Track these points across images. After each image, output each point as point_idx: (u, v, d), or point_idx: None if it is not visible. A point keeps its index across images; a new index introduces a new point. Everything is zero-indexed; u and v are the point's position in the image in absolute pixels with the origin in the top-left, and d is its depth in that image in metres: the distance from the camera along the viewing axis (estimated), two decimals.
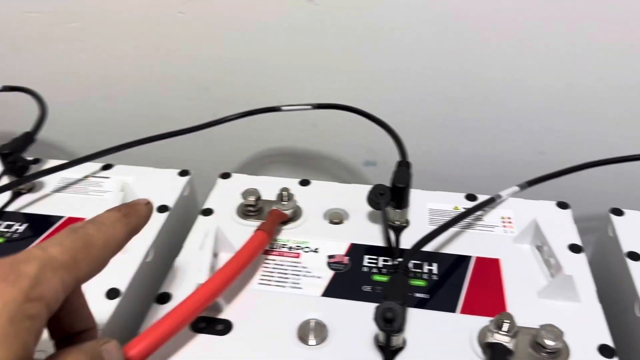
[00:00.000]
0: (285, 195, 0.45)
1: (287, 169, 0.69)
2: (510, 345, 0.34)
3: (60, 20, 0.61)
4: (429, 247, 0.43)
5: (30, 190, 0.50)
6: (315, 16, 0.56)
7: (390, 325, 0.32)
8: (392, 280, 0.35)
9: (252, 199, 0.46)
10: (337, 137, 0.65)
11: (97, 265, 0.26)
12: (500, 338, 0.34)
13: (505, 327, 0.34)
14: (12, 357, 0.20)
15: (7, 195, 0.49)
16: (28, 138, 0.50)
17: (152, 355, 0.32)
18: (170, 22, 0.59)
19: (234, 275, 0.38)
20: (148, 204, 0.31)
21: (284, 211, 0.45)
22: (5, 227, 0.46)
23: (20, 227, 0.46)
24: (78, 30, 0.61)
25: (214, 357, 0.35)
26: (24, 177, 0.48)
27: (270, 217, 0.44)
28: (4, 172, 0.48)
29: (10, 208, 0.48)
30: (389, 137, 0.49)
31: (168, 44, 0.61)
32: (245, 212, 0.47)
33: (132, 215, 0.29)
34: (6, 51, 0.64)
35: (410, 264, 0.42)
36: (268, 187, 0.48)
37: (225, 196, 0.49)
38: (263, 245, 0.41)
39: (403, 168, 0.45)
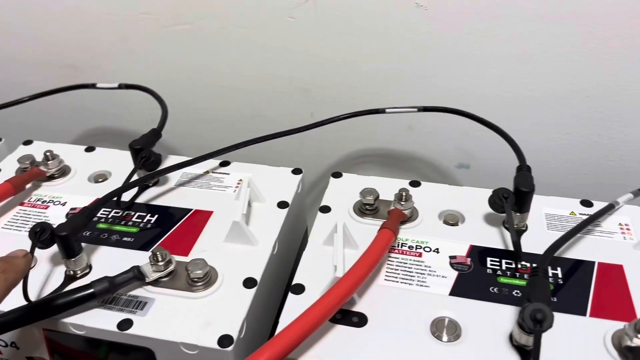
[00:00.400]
0: (404, 196, 0.47)
1: (378, 170, 0.70)
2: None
3: (171, 22, 0.64)
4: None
5: (155, 184, 0.53)
6: (422, 19, 0.57)
7: (540, 326, 0.33)
8: (533, 282, 0.36)
9: (370, 198, 0.48)
10: (432, 139, 0.66)
11: None
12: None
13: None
14: None
15: (135, 188, 0.53)
16: (156, 134, 0.54)
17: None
18: (280, 26, 0.61)
19: (368, 271, 0.39)
20: (26, 256, 0.34)
21: (403, 211, 0.46)
22: (138, 218, 0.49)
23: (152, 218, 0.49)
24: (188, 32, 0.64)
25: (352, 347, 0.37)
26: (156, 172, 0.51)
27: (392, 216, 0.45)
28: (138, 166, 0.51)
29: (138, 200, 0.51)
30: (487, 140, 0.50)
31: (277, 48, 0.63)
32: (363, 210, 0.48)
33: (9, 271, 0.31)
34: (120, 50, 0.68)
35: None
36: (378, 187, 0.50)
37: (340, 194, 0.51)
38: (390, 243, 0.42)
39: (525, 172, 0.46)
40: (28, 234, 0.39)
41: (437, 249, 0.45)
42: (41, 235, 0.39)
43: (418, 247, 0.45)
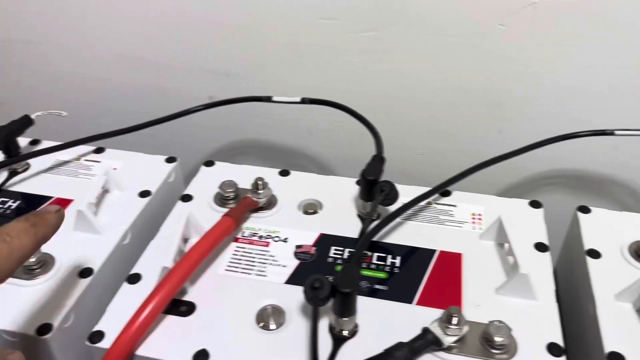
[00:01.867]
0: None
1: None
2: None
3: (355, 29, 0.58)
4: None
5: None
6: None
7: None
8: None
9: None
10: None
11: (1, 274, 0.27)
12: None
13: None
14: None
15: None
16: (381, 160, 0.47)
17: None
18: (487, 35, 0.55)
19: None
20: (59, 211, 0.31)
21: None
22: (379, 259, 0.44)
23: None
24: (374, 40, 0.58)
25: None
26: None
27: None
28: (379, 201, 0.44)
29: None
30: None
31: (475, 58, 0.57)
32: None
33: (40, 225, 0.30)
34: (296, 58, 0.62)
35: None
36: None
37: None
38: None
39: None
40: (304, 289, 0.35)
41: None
42: (321, 291, 0.34)
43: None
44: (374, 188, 0.44)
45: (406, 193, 0.46)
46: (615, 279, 0.40)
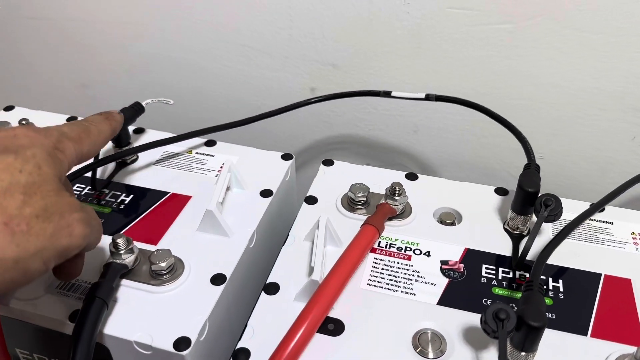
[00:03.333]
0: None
1: None
2: None
3: (487, 21, 0.53)
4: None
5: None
6: None
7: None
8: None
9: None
10: None
11: (94, 147, 0.35)
12: None
13: None
14: (55, 173, 0.29)
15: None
16: (537, 168, 0.42)
17: None
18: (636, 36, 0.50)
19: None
20: (120, 113, 0.41)
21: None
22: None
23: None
24: (507, 32, 0.53)
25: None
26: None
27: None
28: (543, 219, 0.39)
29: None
30: None
31: (623, 56, 0.51)
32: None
33: (112, 119, 0.38)
34: (415, 50, 0.57)
35: None
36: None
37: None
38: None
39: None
40: (485, 319, 0.31)
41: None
42: (507, 323, 0.30)
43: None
44: (534, 201, 0.40)
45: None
46: None
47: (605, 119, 0.56)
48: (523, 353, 0.32)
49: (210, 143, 0.52)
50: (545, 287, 0.38)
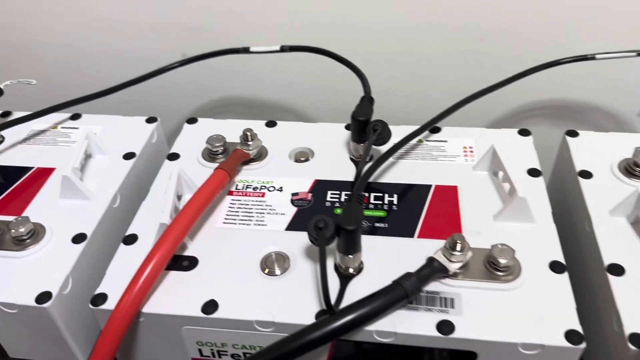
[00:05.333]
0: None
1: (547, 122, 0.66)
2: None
3: None
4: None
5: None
6: None
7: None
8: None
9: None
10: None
11: None
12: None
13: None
14: None
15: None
16: (370, 100, 0.46)
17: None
18: None
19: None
20: None
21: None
22: (376, 199, 0.43)
23: (392, 199, 0.44)
24: None
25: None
26: (394, 146, 0.45)
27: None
28: (372, 142, 0.43)
29: None
30: None
31: None
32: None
33: None
34: (271, 4, 0.59)
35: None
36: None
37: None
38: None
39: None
40: (308, 231, 0.34)
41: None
42: (326, 230, 0.34)
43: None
44: (366, 129, 0.44)
45: (396, 133, 0.45)
46: (608, 196, 0.41)
47: (453, 51, 0.61)
48: (350, 256, 0.36)
49: (75, 117, 0.53)
50: (381, 202, 0.43)
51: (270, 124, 0.51)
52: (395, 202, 0.43)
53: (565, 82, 0.61)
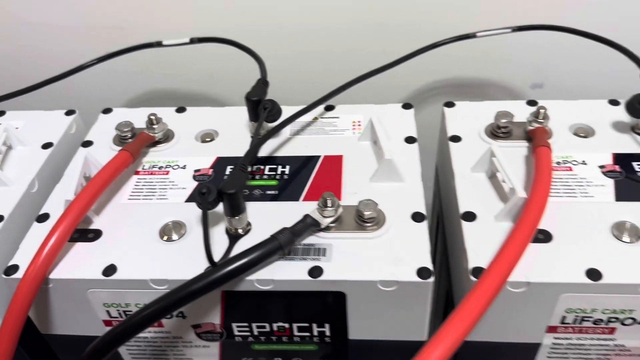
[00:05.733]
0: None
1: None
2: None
3: None
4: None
5: None
6: None
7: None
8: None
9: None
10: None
11: None
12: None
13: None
14: None
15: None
16: (265, 83, 0.51)
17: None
18: None
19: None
20: None
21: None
22: (270, 171, 0.48)
23: (285, 169, 0.48)
24: None
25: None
26: (282, 123, 0.49)
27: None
28: (264, 118, 0.48)
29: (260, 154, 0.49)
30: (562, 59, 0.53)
31: None
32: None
33: None
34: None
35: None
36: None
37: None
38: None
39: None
40: (195, 196, 0.40)
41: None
42: (208, 195, 0.39)
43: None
44: (258, 108, 0.48)
45: (292, 111, 0.50)
46: (472, 156, 0.47)
47: (356, 37, 0.67)
48: (235, 217, 0.41)
49: None
50: (274, 173, 0.47)
51: (180, 109, 0.56)
52: (287, 172, 0.47)
53: (463, 60, 0.67)
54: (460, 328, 0.31)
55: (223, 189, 0.39)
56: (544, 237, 0.40)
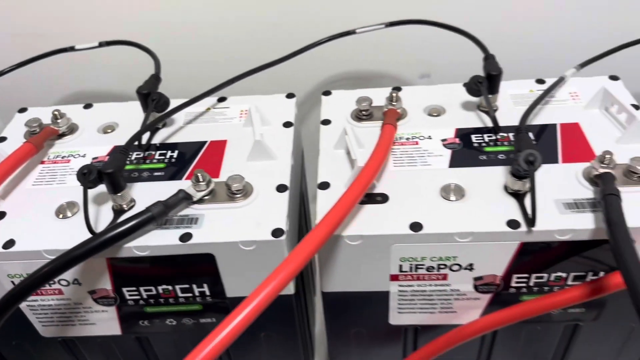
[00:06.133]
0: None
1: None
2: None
3: None
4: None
5: (164, 125, 0.58)
6: None
7: (532, 166, 0.42)
8: (519, 138, 0.48)
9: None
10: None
11: None
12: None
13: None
14: None
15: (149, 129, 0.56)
16: (157, 78, 0.58)
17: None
18: None
19: (383, 159, 0.47)
20: None
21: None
22: (160, 155, 0.54)
23: (173, 154, 0.54)
24: None
25: (380, 219, 0.45)
26: (167, 112, 0.56)
27: (388, 115, 0.54)
28: (151, 109, 0.55)
29: (154, 141, 0.56)
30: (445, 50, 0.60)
31: None
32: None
33: None
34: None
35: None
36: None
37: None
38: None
39: (491, 60, 0.55)
40: (76, 177, 0.44)
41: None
42: (89, 175, 0.44)
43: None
44: (147, 100, 0.55)
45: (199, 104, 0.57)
46: (337, 136, 0.53)
47: (252, 35, 0.74)
48: (118, 194, 0.46)
49: None
50: (164, 157, 0.54)
51: (87, 106, 0.62)
52: (175, 156, 0.54)
53: (362, 51, 0.75)
54: (285, 275, 0.38)
55: (102, 169, 0.45)
56: (382, 199, 0.47)
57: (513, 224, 0.44)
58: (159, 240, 0.45)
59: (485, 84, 0.54)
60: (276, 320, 0.51)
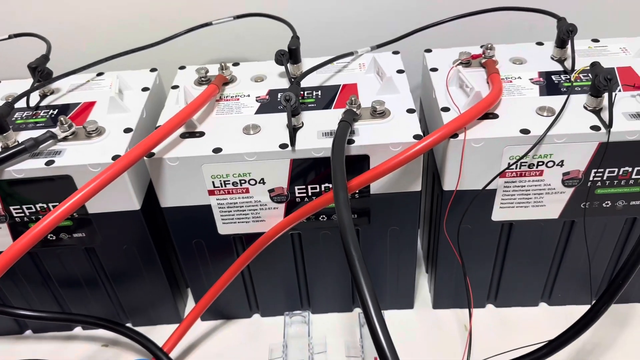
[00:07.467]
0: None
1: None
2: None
3: None
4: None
5: (52, 93, 0.74)
6: None
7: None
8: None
9: (203, 72, 0.71)
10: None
11: None
12: None
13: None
14: None
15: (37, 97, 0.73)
16: (45, 57, 0.73)
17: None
18: None
19: (198, 107, 0.63)
20: None
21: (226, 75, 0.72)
22: (44, 114, 0.70)
23: (54, 112, 0.70)
24: None
25: (198, 146, 0.60)
26: (50, 80, 0.71)
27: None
28: (37, 79, 0.71)
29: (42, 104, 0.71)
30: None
31: None
32: (200, 81, 0.71)
33: None
34: None
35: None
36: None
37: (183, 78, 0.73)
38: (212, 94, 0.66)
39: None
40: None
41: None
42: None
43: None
44: (35, 72, 0.72)
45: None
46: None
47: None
48: (3, 134, 0.62)
49: None
50: (47, 114, 0.71)
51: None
52: (55, 113, 0.70)
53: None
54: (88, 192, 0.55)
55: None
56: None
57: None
58: (30, 165, 0.61)
59: (287, 56, 0.70)
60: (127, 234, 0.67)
